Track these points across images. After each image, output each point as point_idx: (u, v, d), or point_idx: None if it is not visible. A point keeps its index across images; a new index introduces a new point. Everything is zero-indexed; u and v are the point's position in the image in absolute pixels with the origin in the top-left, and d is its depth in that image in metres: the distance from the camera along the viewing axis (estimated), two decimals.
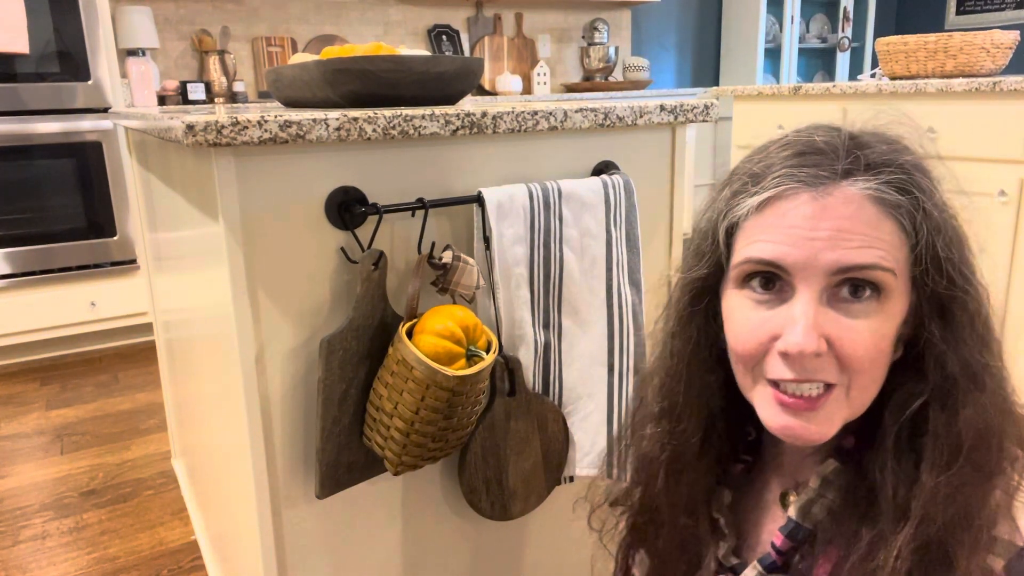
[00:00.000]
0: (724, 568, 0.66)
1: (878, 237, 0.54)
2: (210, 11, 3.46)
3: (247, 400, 0.87)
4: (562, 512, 1.16)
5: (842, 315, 0.55)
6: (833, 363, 0.55)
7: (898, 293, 0.55)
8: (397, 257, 0.93)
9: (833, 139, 0.58)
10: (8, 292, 2.69)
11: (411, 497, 1.02)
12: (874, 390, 0.57)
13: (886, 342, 0.55)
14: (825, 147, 0.57)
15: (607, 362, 1.05)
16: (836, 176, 0.55)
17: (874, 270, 0.53)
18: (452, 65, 1.11)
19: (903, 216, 0.55)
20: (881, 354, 0.55)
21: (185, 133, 0.75)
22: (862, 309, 0.54)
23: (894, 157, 0.56)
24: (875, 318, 0.54)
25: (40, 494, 1.89)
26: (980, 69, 2.23)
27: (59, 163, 2.69)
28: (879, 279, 0.54)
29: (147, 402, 2.44)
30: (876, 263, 0.53)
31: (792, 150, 0.58)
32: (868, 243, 0.54)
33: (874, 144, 0.57)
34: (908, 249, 0.55)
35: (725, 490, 0.67)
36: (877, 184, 0.54)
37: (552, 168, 1.03)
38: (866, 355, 0.54)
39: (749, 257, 0.57)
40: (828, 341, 0.54)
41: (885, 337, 0.55)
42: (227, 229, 0.82)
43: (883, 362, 0.56)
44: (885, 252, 0.54)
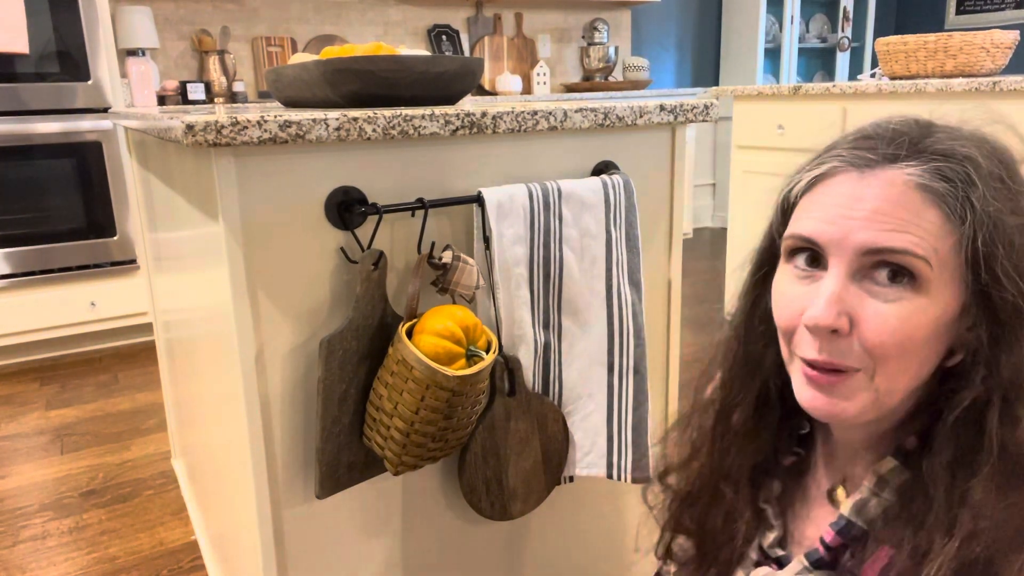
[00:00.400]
0: (768, 558, 0.65)
1: (916, 223, 0.53)
2: (210, 11, 3.46)
3: (247, 400, 0.87)
4: (562, 512, 1.16)
5: (872, 297, 0.54)
6: (857, 347, 0.54)
7: (938, 285, 0.53)
8: (397, 257, 0.93)
9: (896, 125, 0.57)
10: (8, 292, 2.69)
11: (411, 497, 1.02)
12: (905, 382, 0.55)
13: (919, 332, 0.53)
14: (883, 132, 0.57)
15: (607, 362, 1.05)
16: (884, 159, 0.55)
17: (905, 255, 0.53)
18: (452, 65, 1.11)
19: (948, 205, 0.53)
20: (911, 343, 0.53)
21: (185, 133, 0.75)
22: (893, 294, 0.54)
23: (950, 147, 0.54)
24: (906, 306, 0.53)
25: (40, 494, 1.89)
26: (980, 69, 2.23)
27: (59, 163, 2.69)
28: (912, 265, 0.53)
29: (147, 402, 2.44)
30: (908, 248, 0.53)
31: (857, 134, 0.59)
32: (903, 228, 0.53)
33: (935, 134, 0.56)
34: (955, 241, 0.53)
35: (775, 481, 0.67)
36: (922, 170, 0.54)
37: (552, 168, 1.03)
38: (890, 341, 0.53)
39: (792, 232, 0.58)
40: (853, 322, 0.54)
41: (918, 327, 0.53)
42: (227, 229, 0.82)
43: (915, 353, 0.54)
44: (920, 239, 0.53)
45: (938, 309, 0.54)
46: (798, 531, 0.66)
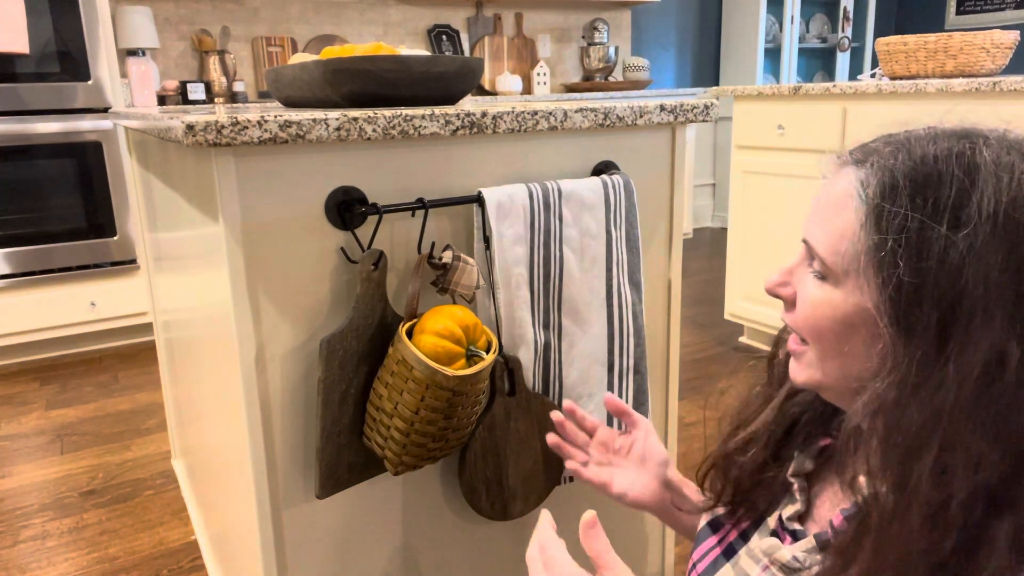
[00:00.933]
0: (786, 530, 0.67)
1: (832, 223, 0.57)
2: (210, 11, 3.46)
3: (247, 400, 0.87)
4: (562, 512, 1.16)
5: (809, 281, 0.60)
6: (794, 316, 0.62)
7: (846, 284, 0.56)
8: (397, 257, 0.93)
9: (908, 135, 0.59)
10: (8, 292, 2.69)
11: (411, 497, 1.02)
12: (836, 366, 0.59)
13: (827, 321, 0.58)
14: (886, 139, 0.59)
15: (607, 362, 1.05)
16: (848, 162, 0.59)
17: (813, 249, 0.58)
18: (452, 65, 1.11)
19: (865, 213, 0.55)
20: (822, 329, 0.58)
21: (185, 133, 0.75)
22: (813, 282, 0.59)
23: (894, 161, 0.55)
24: (817, 292, 0.59)
25: (40, 494, 1.89)
26: (980, 69, 2.23)
27: (59, 163, 2.69)
28: (819, 259, 0.58)
29: (147, 402, 2.44)
30: (812, 245, 0.58)
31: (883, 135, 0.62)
32: (821, 225, 0.58)
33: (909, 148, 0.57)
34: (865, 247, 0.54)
35: (807, 460, 0.69)
36: (862, 176, 0.56)
37: (552, 168, 1.03)
38: (804, 325, 0.60)
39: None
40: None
41: (826, 316, 0.58)
42: (227, 229, 0.82)
43: (833, 340, 0.58)
44: (827, 238, 0.57)
45: (845, 307, 0.57)
46: (819, 512, 0.67)
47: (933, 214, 0.52)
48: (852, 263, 0.55)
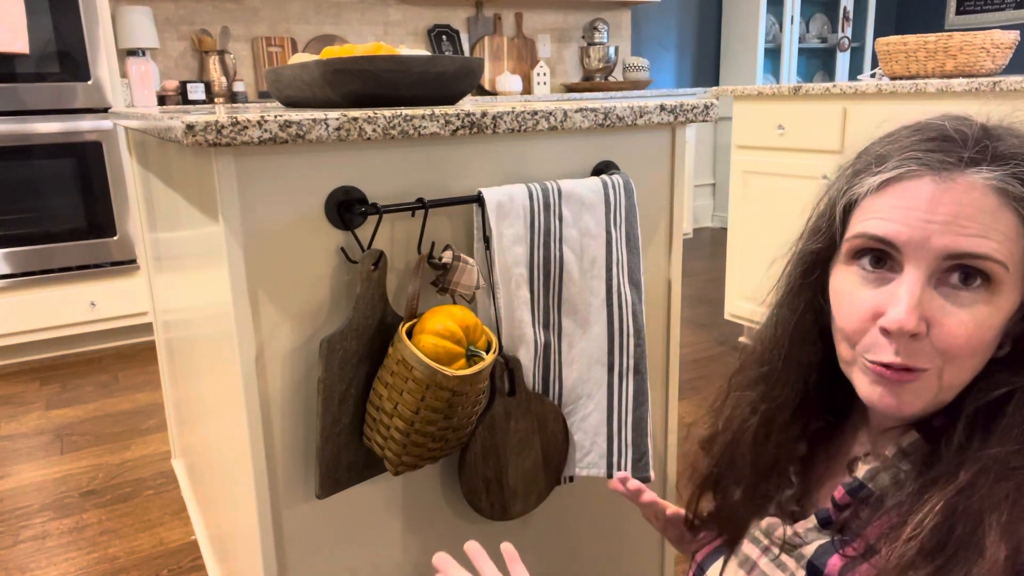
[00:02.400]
0: (784, 513, 0.67)
1: (995, 228, 0.54)
2: (210, 11, 3.46)
3: (247, 400, 0.87)
4: (562, 512, 1.16)
5: (948, 301, 0.55)
6: (930, 348, 0.55)
7: (1009, 287, 0.55)
8: (397, 257, 0.93)
9: (963, 127, 0.58)
10: (8, 292, 2.69)
11: (411, 497, 1.02)
12: (967, 378, 0.57)
13: (990, 334, 0.55)
14: (955, 134, 0.57)
15: (607, 362, 1.05)
16: (962, 164, 0.56)
17: (986, 260, 0.54)
18: (452, 65, 1.11)
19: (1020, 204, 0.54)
20: (982, 344, 0.55)
21: (185, 133, 0.75)
22: (969, 298, 0.55)
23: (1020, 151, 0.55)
24: (982, 308, 0.55)
25: (40, 494, 1.89)
26: (980, 69, 2.23)
27: (59, 163, 2.69)
28: (990, 270, 0.54)
29: (147, 402, 2.44)
30: (989, 254, 0.54)
31: (922, 135, 0.59)
32: (984, 232, 0.54)
33: (1005, 136, 0.57)
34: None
35: (802, 443, 0.68)
36: (1002, 175, 0.54)
37: (552, 168, 1.03)
38: (967, 344, 0.55)
39: (863, 232, 0.58)
40: (929, 324, 0.55)
41: (990, 329, 0.55)
42: (227, 229, 0.82)
43: (983, 353, 0.56)
44: (1000, 244, 0.54)
45: (1005, 311, 0.56)
46: (816, 494, 0.67)
47: None
48: (1020, 263, 0.55)
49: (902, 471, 0.59)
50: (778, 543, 0.64)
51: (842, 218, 0.62)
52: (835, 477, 0.66)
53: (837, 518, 0.61)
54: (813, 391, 0.68)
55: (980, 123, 0.58)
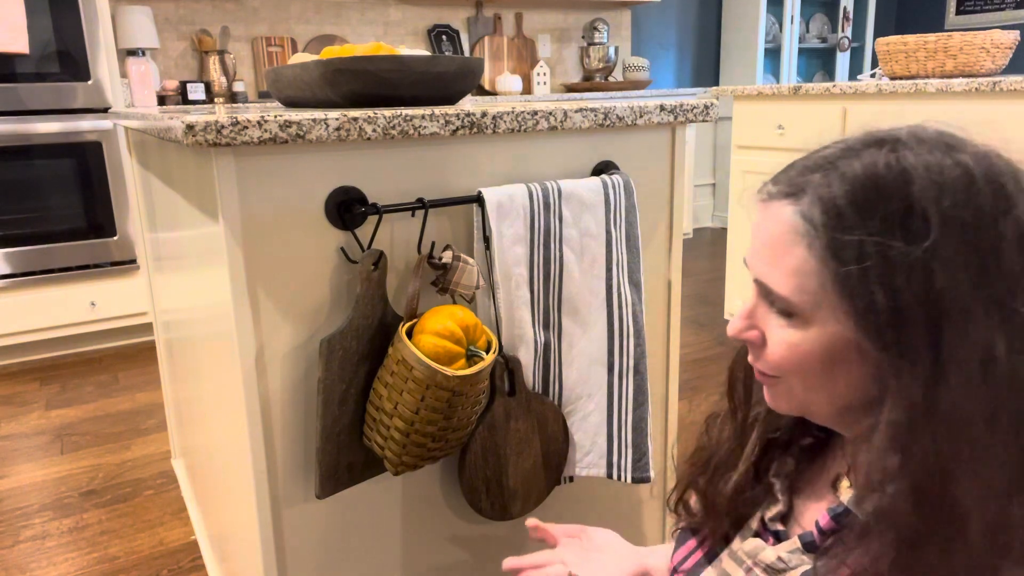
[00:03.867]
0: (768, 531, 0.67)
1: (784, 263, 0.55)
2: (210, 11, 3.46)
3: (247, 400, 0.87)
4: (562, 512, 1.16)
5: (771, 321, 0.58)
6: (766, 358, 0.59)
7: (820, 319, 0.54)
8: (397, 257, 0.93)
9: (810, 159, 0.58)
10: (8, 292, 2.69)
11: (411, 497, 1.02)
12: (821, 398, 0.58)
13: (810, 359, 0.56)
14: (794, 164, 0.59)
15: (607, 362, 1.05)
16: (777, 195, 0.57)
17: (775, 293, 0.56)
18: (452, 65, 1.11)
19: (813, 246, 0.53)
20: (805, 367, 0.56)
21: (185, 133, 0.75)
22: (781, 322, 0.58)
23: (831, 193, 0.53)
24: (792, 333, 0.57)
25: (40, 494, 1.89)
26: (980, 69, 2.23)
27: (59, 163, 2.69)
28: (782, 302, 0.56)
29: (147, 402, 2.44)
30: (773, 289, 0.56)
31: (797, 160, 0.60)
32: (775, 264, 0.56)
33: (834, 168, 0.55)
34: (828, 279, 0.53)
35: (789, 458, 0.68)
36: (796, 211, 0.55)
37: (552, 168, 1.03)
38: (783, 362, 0.57)
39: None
40: (765, 337, 0.59)
41: (809, 354, 0.56)
42: (227, 229, 0.82)
43: (817, 375, 0.57)
44: (785, 279, 0.55)
45: (821, 342, 0.55)
46: (801, 512, 0.67)
47: (887, 232, 0.51)
48: (821, 298, 0.54)
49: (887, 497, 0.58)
50: (761, 566, 0.64)
51: None
52: (820, 495, 0.66)
53: (822, 543, 0.60)
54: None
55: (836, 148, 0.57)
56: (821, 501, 0.65)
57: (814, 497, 0.66)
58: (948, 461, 0.51)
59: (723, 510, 0.70)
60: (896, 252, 0.50)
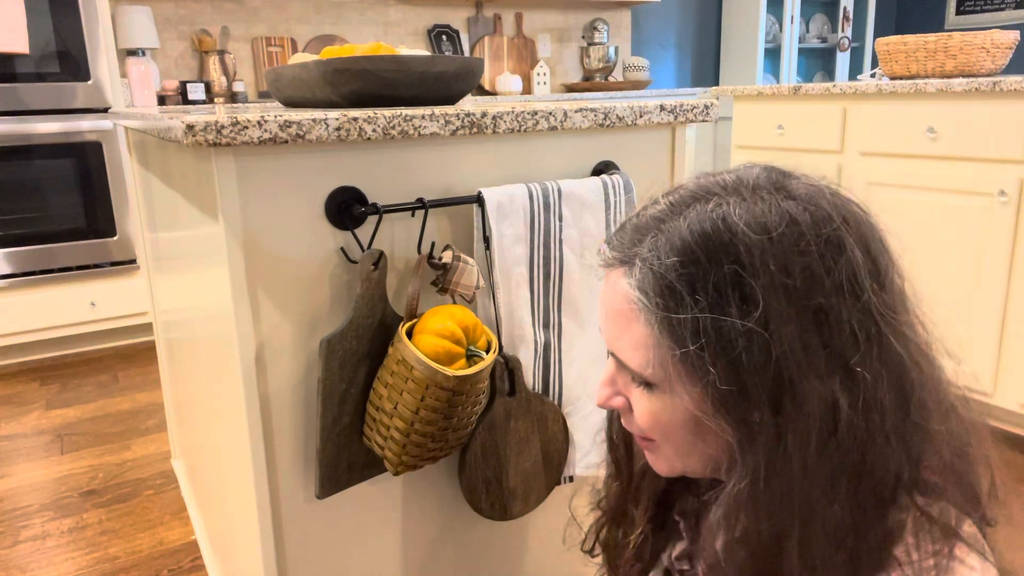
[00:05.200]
0: (675, 570, 0.66)
1: (627, 334, 0.54)
2: (210, 11, 3.46)
3: (247, 400, 0.87)
4: (562, 512, 1.16)
5: (633, 389, 0.57)
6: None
7: (675, 389, 0.53)
8: (397, 257, 0.93)
9: (643, 218, 0.56)
10: (8, 292, 2.68)
11: (411, 497, 1.02)
12: (694, 459, 0.57)
13: (673, 425, 0.55)
14: (635, 225, 0.56)
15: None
16: (614, 262, 0.56)
17: (622, 364, 0.55)
18: (452, 65, 1.11)
19: (657, 319, 0.52)
20: (670, 430, 0.56)
21: (185, 133, 0.75)
22: (641, 390, 0.56)
23: (662, 265, 0.52)
24: (652, 401, 0.55)
25: (40, 494, 1.89)
26: (980, 69, 2.23)
27: (59, 163, 2.69)
28: (631, 372, 0.55)
29: (147, 402, 2.44)
30: (621, 360, 0.55)
31: (625, 219, 0.59)
32: (619, 337, 0.55)
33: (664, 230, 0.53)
34: (668, 349, 0.52)
35: (691, 497, 0.68)
36: (629, 283, 0.54)
37: (552, 168, 1.03)
38: (650, 428, 0.56)
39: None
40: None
41: (670, 420, 0.55)
42: (227, 229, 0.82)
43: (684, 438, 0.56)
44: (632, 353, 0.54)
45: (682, 410, 0.54)
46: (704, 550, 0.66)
47: (720, 305, 0.50)
48: (666, 372, 0.53)
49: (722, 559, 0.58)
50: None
51: None
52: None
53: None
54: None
55: (665, 204, 0.55)
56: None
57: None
58: (783, 527, 0.50)
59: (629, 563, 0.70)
60: (728, 325, 0.49)
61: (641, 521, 0.69)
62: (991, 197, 1.94)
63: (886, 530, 0.50)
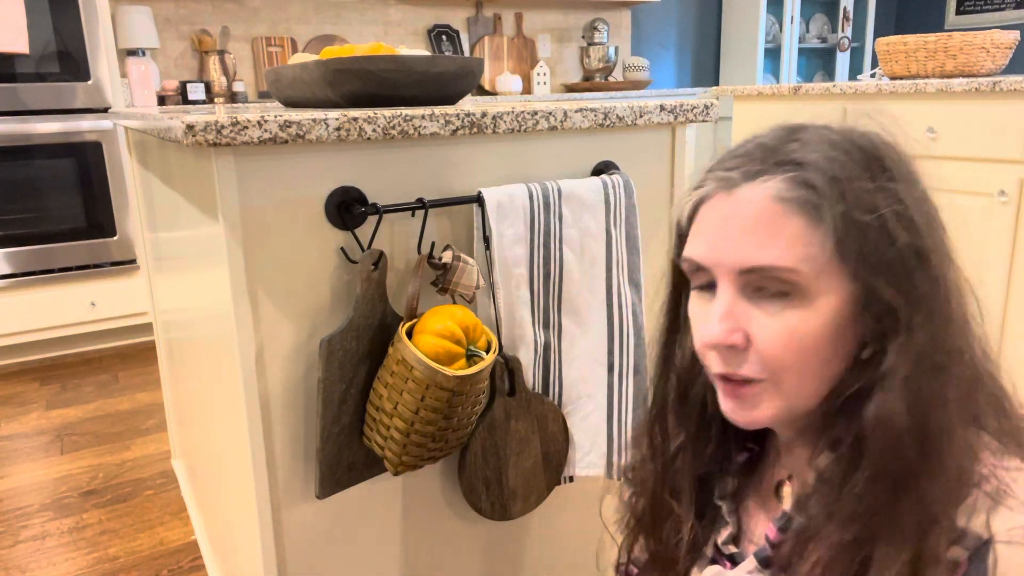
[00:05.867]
0: (723, 555, 0.66)
1: (778, 236, 0.55)
2: (210, 11, 3.46)
3: (247, 400, 0.87)
4: (562, 512, 1.16)
5: (761, 313, 0.56)
6: (754, 358, 0.57)
7: (820, 290, 0.54)
8: (397, 257, 0.93)
9: (760, 139, 0.59)
10: (8, 292, 2.68)
11: (411, 497, 1.02)
12: (812, 386, 0.57)
13: (810, 339, 0.55)
14: (748, 148, 0.59)
15: (607, 362, 1.05)
16: (744, 177, 0.57)
17: (774, 270, 0.55)
18: (452, 65, 1.11)
19: (809, 213, 0.54)
20: (805, 352, 0.55)
21: (185, 133, 0.75)
22: (777, 307, 0.56)
23: (807, 155, 0.56)
24: (792, 315, 0.55)
25: (40, 494, 1.89)
26: (980, 69, 2.23)
27: (59, 163, 2.69)
28: (784, 278, 0.55)
29: (147, 402, 2.44)
30: (774, 264, 0.55)
31: (727, 153, 0.60)
32: (766, 244, 0.55)
33: (796, 140, 0.57)
34: (823, 244, 0.54)
35: (729, 478, 0.68)
36: (779, 182, 0.55)
37: (552, 168, 1.03)
38: (783, 353, 0.56)
39: (685, 256, 0.61)
40: (748, 336, 0.57)
41: (808, 335, 0.55)
42: (227, 229, 0.82)
43: (814, 358, 0.56)
44: (784, 252, 0.54)
45: (826, 314, 0.55)
46: (751, 528, 0.66)
47: (872, 196, 0.54)
48: (822, 264, 0.54)
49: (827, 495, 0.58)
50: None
51: (678, 242, 0.64)
52: (766, 508, 0.65)
53: (776, 556, 0.60)
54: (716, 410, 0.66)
55: (784, 129, 0.59)
56: (768, 512, 0.65)
57: (761, 510, 0.66)
58: (943, 399, 0.53)
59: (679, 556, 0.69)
60: (884, 216, 0.54)
61: (688, 514, 0.68)
62: (991, 197, 1.94)
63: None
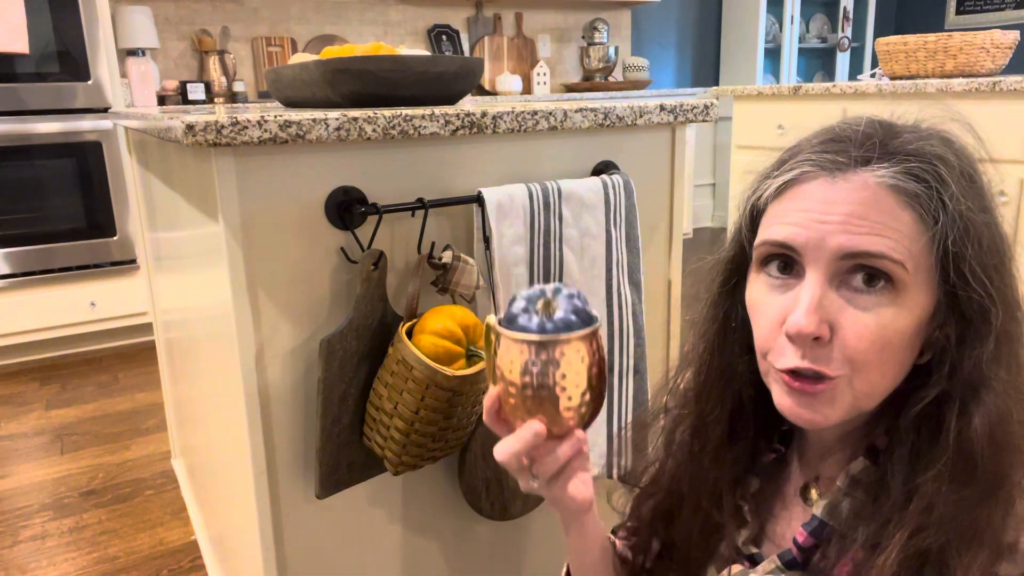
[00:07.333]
0: (742, 555, 0.65)
1: (891, 226, 0.53)
2: (210, 11, 3.46)
3: (247, 400, 0.87)
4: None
5: (851, 304, 0.54)
6: (837, 353, 0.54)
7: (915, 287, 0.53)
8: (397, 257, 0.93)
9: (860, 127, 0.57)
10: (8, 292, 2.69)
11: (411, 497, 1.02)
12: (884, 385, 0.55)
13: (898, 337, 0.53)
14: (852, 134, 0.57)
15: (607, 362, 1.05)
16: (855, 163, 0.55)
17: (882, 259, 0.52)
18: (452, 65, 1.11)
19: (921, 206, 0.53)
20: (890, 348, 0.53)
21: (185, 133, 0.75)
22: (872, 300, 0.53)
23: (920, 147, 0.55)
24: (886, 311, 0.53)
25: (40, 494, 1.89)
26: (980, 69, 2.23)
27: (59, 163, 2.69)
28: (888, 269, 0.53)
29: (147, 402, 2.44)
30: (884, 252, 0.52)
31: (821, 137, 0.59)
32: (878, 231, 0.52)
33: (903, 134, 0.56)
34: (928, 242, 0.53)
35: (753, 478, 0.67)
36: (895, 171, 0.53)
37: (552, 168, 1.03)
38: (871, 348, 0.53)
39: (765, 239, 0.57)
40: (833, 328, 0.54)
41: (897, 332, 0.53)
42: (227, 229, 0.82)
43: (894, 358, 0.54)
44: (896, 242, 0.52)
45: (916, 314, 0.54)
46: (773, 529, 0.65)
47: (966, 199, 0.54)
48: (917, 265, 0.53)
49: (859, 501, 0.57)
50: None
51: (751, 225, 0.61)
52: (789, 509, 0.65)
53: (802, 560, 0.59)
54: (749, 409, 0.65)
55: (880, 121, 0.58)
56: (791, 515, 0.64)
57: (784, 513, 0.65)
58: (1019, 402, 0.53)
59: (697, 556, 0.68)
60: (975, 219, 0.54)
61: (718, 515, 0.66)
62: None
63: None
